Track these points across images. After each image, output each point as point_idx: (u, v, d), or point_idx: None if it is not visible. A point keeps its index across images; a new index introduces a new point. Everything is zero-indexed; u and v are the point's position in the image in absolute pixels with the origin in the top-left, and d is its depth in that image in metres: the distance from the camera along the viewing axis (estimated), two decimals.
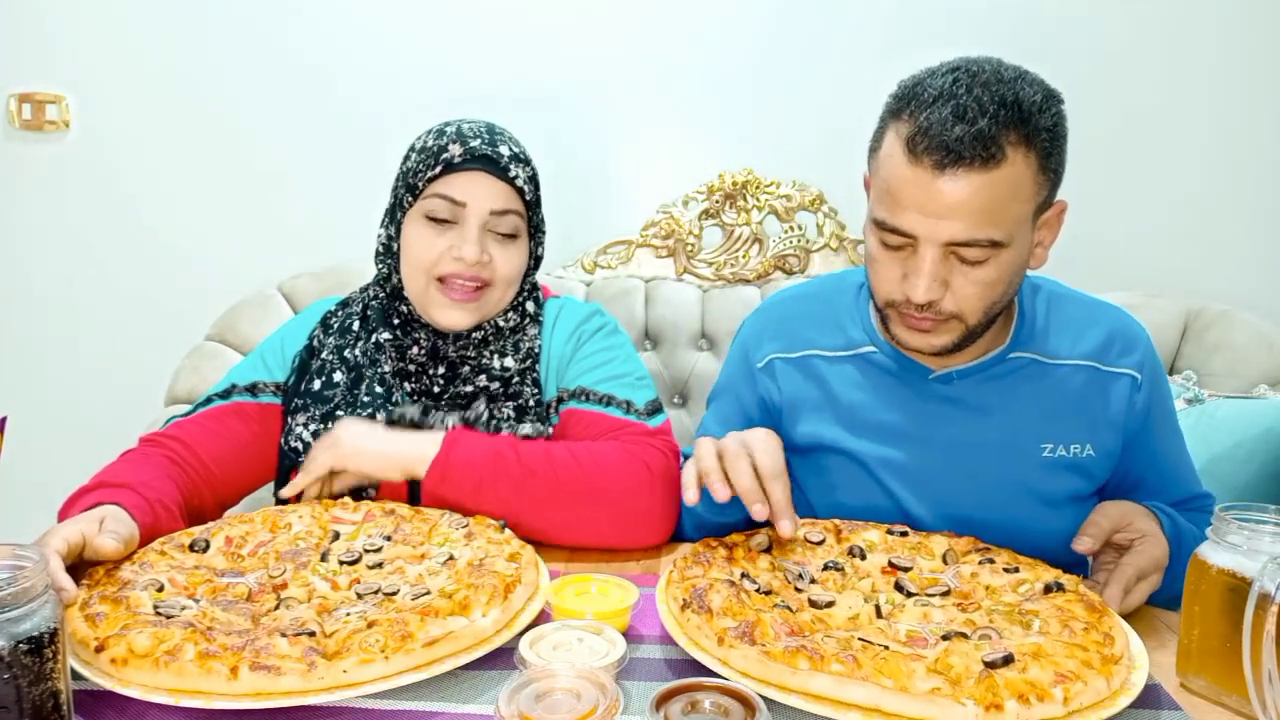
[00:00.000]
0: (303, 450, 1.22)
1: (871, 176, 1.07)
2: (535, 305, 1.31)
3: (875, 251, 1.06)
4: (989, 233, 0.97)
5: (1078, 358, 1.14)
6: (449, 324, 1.21)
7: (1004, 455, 1.12)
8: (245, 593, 0.91)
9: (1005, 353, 1.14)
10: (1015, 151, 0.96)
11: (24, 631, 0.65)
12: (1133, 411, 1.14)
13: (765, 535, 1.02)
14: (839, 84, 2.06)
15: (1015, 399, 1.13)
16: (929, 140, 0.96)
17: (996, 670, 0.75)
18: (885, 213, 1.01)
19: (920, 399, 1.14)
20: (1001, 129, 0.95)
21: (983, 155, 0.95)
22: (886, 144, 1.02)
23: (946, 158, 0.95)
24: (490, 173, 1.18)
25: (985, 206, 0.96)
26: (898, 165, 0.99)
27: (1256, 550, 0.80)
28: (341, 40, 2.06)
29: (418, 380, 1.24)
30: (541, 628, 0.84)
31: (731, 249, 2.09)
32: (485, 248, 1.19)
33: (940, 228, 0.98)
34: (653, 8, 2.05)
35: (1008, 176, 0.96)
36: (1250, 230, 2.09)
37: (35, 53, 2.06)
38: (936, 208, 0.97)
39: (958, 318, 1.04)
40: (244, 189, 2.11)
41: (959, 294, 1.02)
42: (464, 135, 1.19)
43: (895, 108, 1.03)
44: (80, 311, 2.15)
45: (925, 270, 1.00)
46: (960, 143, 0.94)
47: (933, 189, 0.96)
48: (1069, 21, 2.01)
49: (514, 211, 1.20)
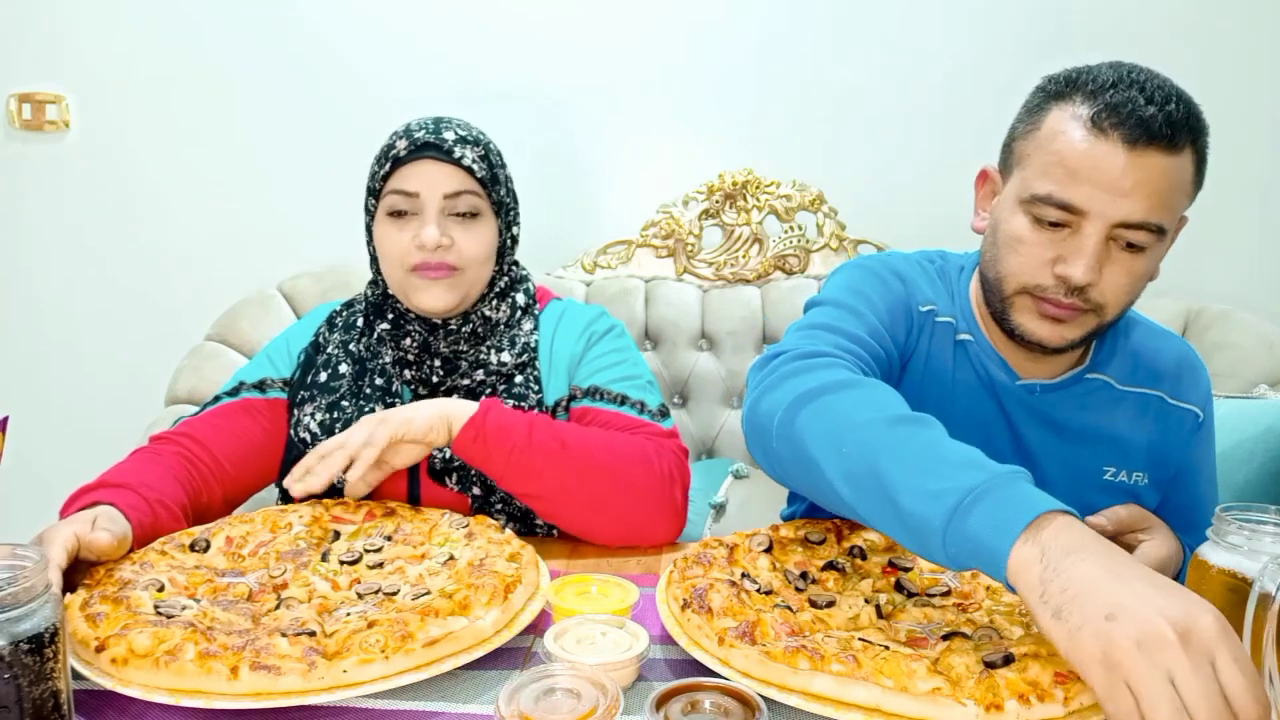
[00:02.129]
0: (310, 441, 1.22)
1: (1022, 158, 1.03)
2: (526, 298, 1.32)
3: (1022, 232, 1.02)
4: (1160, 217, 0.96)
5: (1147, 386, 1.14)
6: (431, 305, 1.22)
7: (1068, 473, 1.12)
8: (246, 592, 0.91)
9: (1083, 372, 1.13)
10: (1188, 146, 0.97)
11: (24, 631, 0.65)
12: (1187, 448, 1.15)
13: (765, 535, 1.02)
14: (840, 84, 2.06)
15: (1087, 419, 1.12)
16: (1120, 115, 0.95)
17: (997, 670, 0.75)
18: (1054, 186, 0.98)
19: (1005, 402, 1.13)
20: (1183, 120, 0.96)
21: (1170, 139, 0.94)
22: (1053, 122, 1.00)
23: (1139, 134, 0.94)
24: (436, 159, 1.20)
25: (1163, 190, 0.96)
26: (1077, 141, 0.97)
27: (1257, 550, 0.80)
28: (342, 40, 2.07)
29: (417, 369, 1.25)
30: (564, 622, 0.84)
31: (731, 249, 2.10)
32: (446, 231, 1.20)
33: (1117, 205, 0.96)
34: (653, 8, 2.05)
35: (1182, 167, 0.97)
36: (1250, 230, 2.09)
37: (35, 53, 2.06)
38: (1121, 183, 0.95)
39: (1097, 311, 1.02)
40: (244, 189, 2.11)
41: (1110, 283, 1.00)
42: (410, 130, 1.23)
43: (1059, 91, 1.01)
44: (80, 311, 2.15)
45: (1090, 249, 0.98)
46: (1154, 121, 0.94)
47: (1120, 164, 0.95)
48: (1068, 21, 2.01)
49: (468, 192, 1.22)
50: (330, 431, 1.22)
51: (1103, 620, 0.63)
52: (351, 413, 1.23)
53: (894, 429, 0.83)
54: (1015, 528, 0.70)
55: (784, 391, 0.93)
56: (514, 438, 1.11)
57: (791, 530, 1.05)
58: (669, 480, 1.15)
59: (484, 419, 1.12)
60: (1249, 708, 0.60)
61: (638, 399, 1.24)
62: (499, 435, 1.11)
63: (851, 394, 0.90)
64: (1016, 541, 0.70)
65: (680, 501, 1.17)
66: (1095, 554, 0.67)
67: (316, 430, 1.23)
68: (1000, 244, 1.05)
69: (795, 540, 1.03)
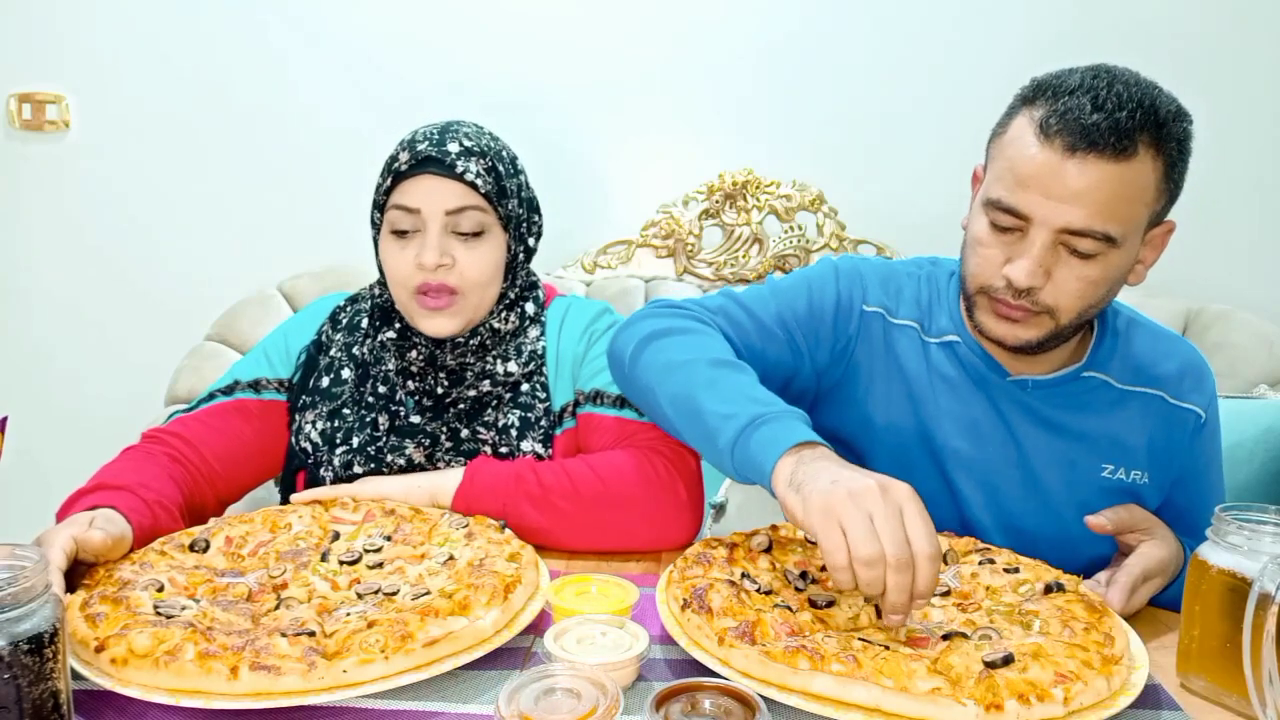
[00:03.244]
0: (312, 450, 1.22)
1: (990, 162, 1.06)
2: (535, 306, 1.30)
3: (981, 234, 1.04)
4: (1106, 226, 0.96)
5: (1149, 386, 1.14)
6: (434, 332, 1.20)
7: (1066, 470, 1.12)
8: (245, 593, 0.91)
9: (1080, 370, 1.13)
10: (1145, 152, 0.96)
11: (24, 631, 0.65)
12: (1190, 449, 1.15)
13: (765, 535, 1.02)
14: (840, 84, 2.06)
15: (1085, 417, 1.13)
16: (1064, 123, 0.95)
17: (997, 670, 0.75)
18: (1004, 191, 1.00)
19: (996, 399, 1.13)
20: (1137, 126, 0.95)
21: (1115, 146, 0.94)
22: (1015, 127, 1.01)
23: (1080, 142, 0.95)
24: (438, 174, 1.16)
25: (1108, 198, 0.96)
26: (1026, 146, 0.98)
27: (1257, 550, 0.80)
28: (341, 40, 2.06)
29: (421, 380, 1.24)
30: (565, 621, 0.84)
31: (731, 249, 2.10)
32: (448, 250, 1.17)
33: (1060, 212, 0.96)
34: (653, 7, 2.05)
35: (1135, 174, 0.96)
36: (1250, 230, 2.09)
37: (35, 53, 2.06)
38: (1061, 191, 0.96)
39: (1050, 313, 1.03)
40: (244, 189, 2.11)
41: (1060, 287, 1.01)
42: (414, 141, 1.18)
43: (1029, 95, 1.02)
44: (80, 311, 2.15)
45: (1033, 254, 0.99)
46: (1096, 129, 0.94)
47: (1060, 171, 0.96)
48: (1067, 21, 2.01)
49: (472, 207, 1.17)
50: (331, 442, 1.22)
51: (828, 484, 0.83)
52: (353, 421, 1.22)
53: (713, 368, 1.02)
54: (782, 447, 0.89)
55: (637, 330, 1.12)
56: (502, 496, 1.11)
57: (791, 530, 1.05)
58: (666, 483, 1.14)
59: (471, 486, 1.12)
60: (922, 544, 0.80)
61: None
62: (489, 496, 1.11)
63: (688, 338, 1.08)
64: (781, 456, 0.89)
65: (686, 496, 1.15)
66: (834, 460, 0.88)
67: (318, 440, 1.22)
68: (967, 244, 1.08)
69: (795, 540, 1.03)
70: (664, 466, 1.15)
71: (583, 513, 1.11)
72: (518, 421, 1.22)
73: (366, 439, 1.20)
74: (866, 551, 0.79)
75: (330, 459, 1.21)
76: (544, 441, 1.22)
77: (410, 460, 1.20)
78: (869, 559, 0.79)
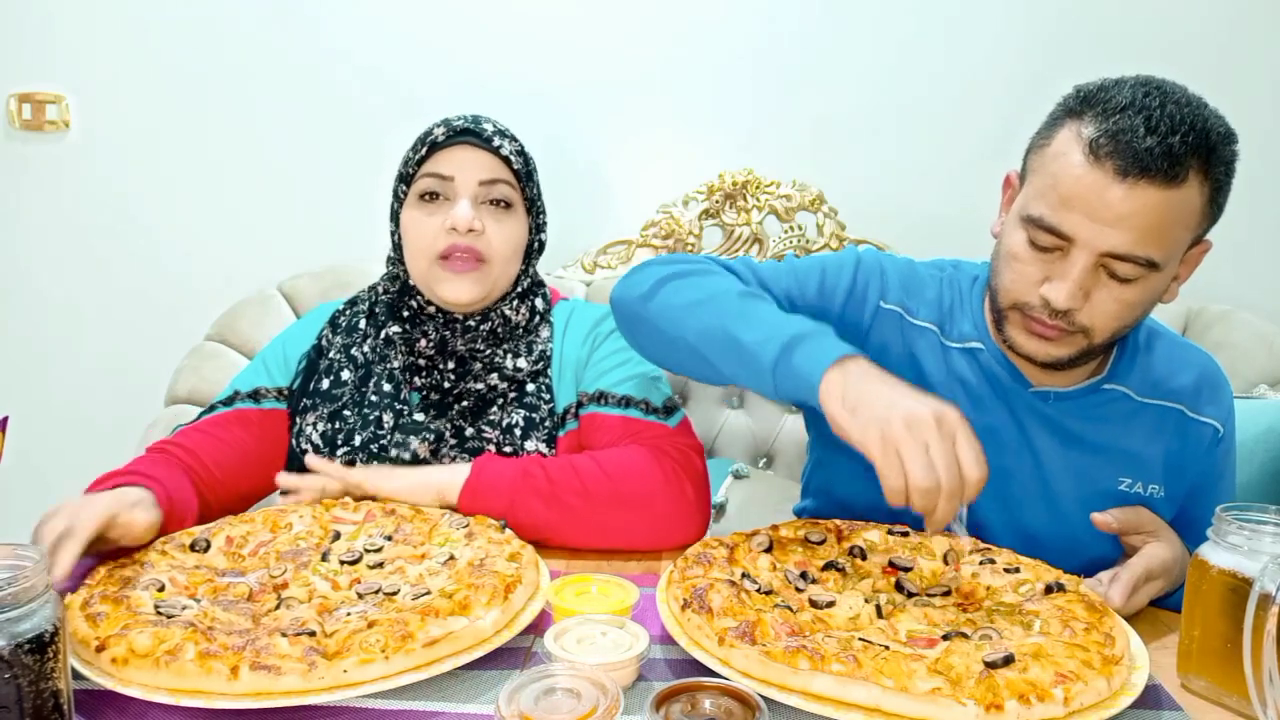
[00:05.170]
0: (313, 452, 1.22)
1: (1030, 173, 1.03)
2: (544, 303, 1.32)
3: (1018, 249, 1.02)
4: (1150, 251, 0.95)
5: (1167, 399, 1.13)
6: (455, 297, 1.21)
7: (1083, 481, 1.12)
8: (246, 592, 0.91)
9: (1100, 382, 1.12)
10: (1195, 177, 0.94)
11: (24, 631, 0.65)
12: (1206, 462, 1.14)
13: (765, 535, 1.02)
14: (840, 84, 2.06)
15: (1103, 430, 1.12)
16: (1117, 145, 0.93)
17: (997, 670, 0.75)
18: (1046, 209, 0.98)
19: (1016, 408, 1.12)
20: (1189, 151, 0.93)
21: (1167, 172, 0.92)
22: (1060, 142, 0.98)
23: (1132, 166, 0.92)
24: (475, 145, 1.20)
25: (1155, 224, 0.94)
26: (1074, 165, 0.96)
27: (1257, 550, 0.80)
28: (341, 39, 2.06)
29: (428, 375, 1.24)
30: (565, 621, 0.84)
31: (731, 249, 2.09)
32: (479, 217, 1.20)
33: (1104, 235, 0.95)
34: (653, 7, 2.05)
35: (1183, 200, 0.94)
36: (1250, 230, 2.08)
37: (35, 53, 2.06)
38: (1107, 215, 0.94)
39: (1085, 333, 1.01)
40: (244, 189, 2.11)
41: (1097, 308, 0.99)
42: (449, 120, 1.24)
43: (1075, 108, 0.99)
44: (80, 311, 2.15)
45: (1074, 276, 0.97)
46: (1150, 154, 0.92)
47: (1109, 195, 0.93)
48: (1066, 21, 2.01)
49: (503, 180, 1.22)
50: (332, 443, 1.22)
51: (884, 409, 0.86)
52: (355, 422, 1.22)
53: (740, 300, 1.04)
54: (827, 360, 0.92)
55: (647, 275, 1.12)
56: (509, 493, 1.11)
57: (791, 530, 1.05)
58: (672, 480, 1.14)
59: (477, 481, 1.11)
60: (972, 469, 0.85)
61: (641, 398, 1.24)
62: (494, 493, 1.11)
63: (706, 279, 1.10)
64: (827, 370, 0.91)
65: (692, 494, 1.15)
66: (882, 378, 0.91)
67: (319, 442, 1.22)
68: (1000, 257, 1.06)
69: (795, 540, 1.03)
70: (671, 466, 1.15)
71: (589, 509, 1.11)
72: (522, 421, 1.22)
73: (369, 437, 1.21)
74: (925, 483, 0.84)
75: (332, 459, 1.21)
76: (548, 442, 1.22)
77: (415, 455, 1.20)
78: (926, 489, 0.84)
